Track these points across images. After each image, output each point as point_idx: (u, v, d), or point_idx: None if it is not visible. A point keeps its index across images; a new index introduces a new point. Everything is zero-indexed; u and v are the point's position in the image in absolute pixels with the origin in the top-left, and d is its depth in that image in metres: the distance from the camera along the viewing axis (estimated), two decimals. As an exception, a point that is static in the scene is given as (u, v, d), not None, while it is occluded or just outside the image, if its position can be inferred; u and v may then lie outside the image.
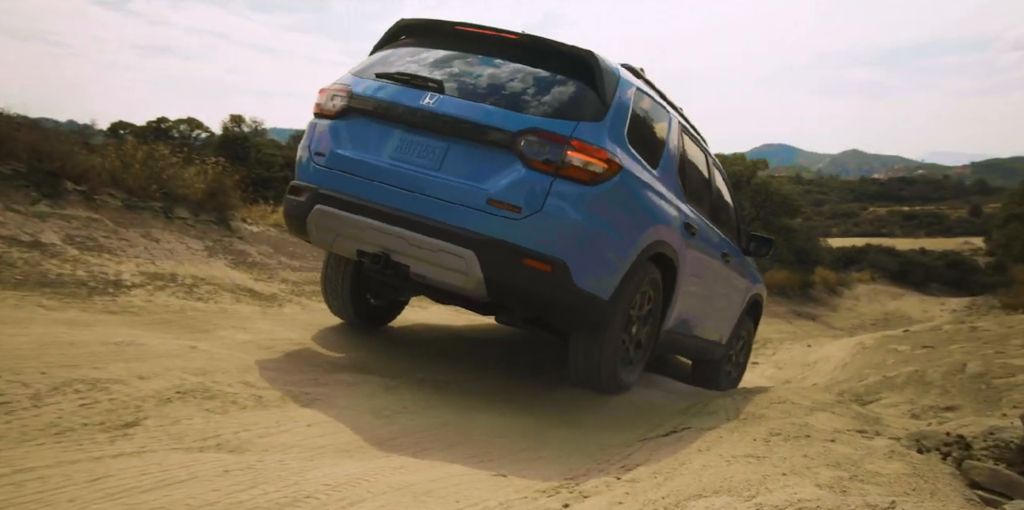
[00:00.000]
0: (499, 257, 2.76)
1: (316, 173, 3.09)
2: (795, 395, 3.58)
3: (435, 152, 2.89)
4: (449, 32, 3.27)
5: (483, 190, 2.79)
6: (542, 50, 3.10)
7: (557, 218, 2.78)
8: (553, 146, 2.78)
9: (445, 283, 2.95)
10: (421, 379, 3.37)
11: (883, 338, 7.47)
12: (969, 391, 4.16)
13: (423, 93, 2.96)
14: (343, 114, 3.11)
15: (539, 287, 2.82)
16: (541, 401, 3.38)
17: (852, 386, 5.00)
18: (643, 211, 3.17)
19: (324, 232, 3.09)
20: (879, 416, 3.66)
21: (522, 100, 2.94)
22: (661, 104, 3.63)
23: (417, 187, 2.86)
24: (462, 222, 2.78)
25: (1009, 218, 15.00)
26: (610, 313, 3.08)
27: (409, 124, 2.96)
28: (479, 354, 4.09)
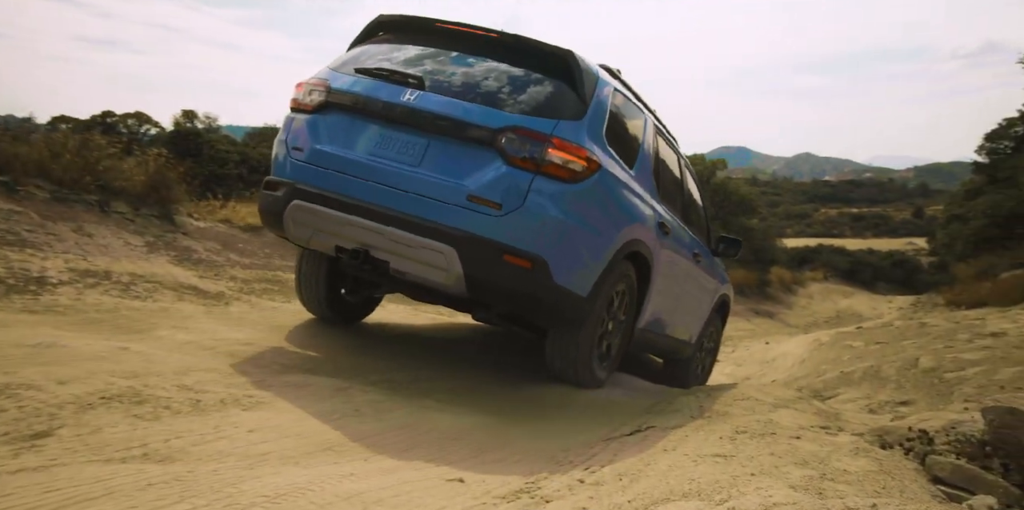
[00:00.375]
0: (479, 253, 2.76)
1: (293, 168, 3.04)
2: (758, 392, 3.55)
3: (415, 148, 2.88)
4: (429, 29, 3.26)
5: (464, 187, 2.78)
6: (522, 49, 3.10)
7: (537, 215, 2.79)
8: (534, 144, 2.79)
9: (425, 279, 2.92)
10: (376, 380, 3.21)
11: (838, 335, 7.61)
12: (922, 385, 4.22)
13: (403, 89, 2.94)
14: (321, 109, 3.07)
15: (519, 283, 2.82)
16: (503, 400, 3.27)
17: (811, 382, 5.05)
18: (620, 209, 3.18)
19: (301, 228, 3.04)
20: (839, 412, 3.67)
21: (502, 98, 2.95)
22: (636, 105, 3.65)
23: (397, 183, 2.84)
24: (442, 218, 2.78)
25: (951, 219, 15.62)
26: (588, 310, 3.09)
27: (389, 120, 2.93)
28: (438, 353, 3.94)
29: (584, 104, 3.00)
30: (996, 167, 16.66)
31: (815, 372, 5.46)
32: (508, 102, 2.93)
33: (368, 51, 3.28)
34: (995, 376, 3.93)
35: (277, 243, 5.77)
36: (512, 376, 3.74)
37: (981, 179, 16.41)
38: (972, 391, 3.88)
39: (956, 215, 15.18)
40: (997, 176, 15.84)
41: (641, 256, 3.42)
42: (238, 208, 5.91)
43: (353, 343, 3.80)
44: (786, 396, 3.57)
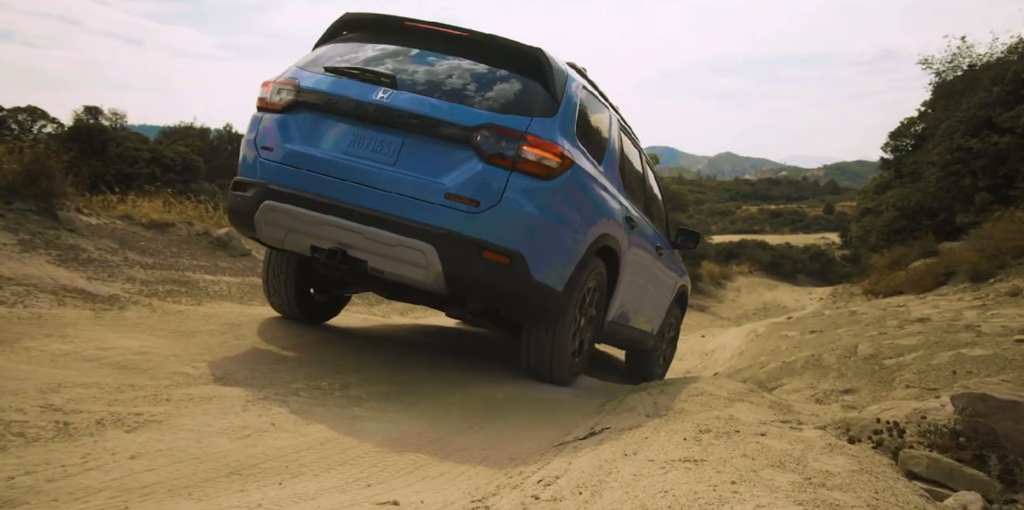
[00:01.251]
0: (458, 250, 2.76)
1: (263, 168, 2.99)
2: (711, 386, 3.40)
3: (390, 147, 2.87)
4: (397, 27, 3.24)
5: (441, 184, 2.78)
6: (491, 47, 3.09)
7: (514, 211, 2.80)
8: (509, 141, 2.81)
9: (404, 277, 2.90)
10: (299, 388, 2.84)
11: (773, 325, 7.71)
12: (863, 373, 4.22)
13: (376, 88, 2.93)
14: (291, 108, 3.03)
15: (497, 279, 2.83)
16: (444, 404, 2.96)
17: (754, 373, 5.00)
18: (592, 205, 3.21)
19: (274, 228, 2.98)
20: (789, 403, 3.57)
21: (475, 96, 2.96)
22: (602, 102, 3.70)
23: (373, 182, 2.82)
24: (420, 216, 2.77)
25: (864, 212, 16.46)
26: (563, 304, 3.11)
27: (362, 119, 2.91)
28: (370, 355, 3.59)
29: (556, 101, 3.01)
30: (900, 163, 17.73)
31: (756, 363, 5.43)
32: (481, 100, 2.93)
33: (335, 50, 3.23)
34: (932, 361, 3.96)
35: (186, 241, 5.21)
36: (455, 376, 3.44)
37: (888, 174, 17.40)
38: (912, 377, 3.88)
39: (868, 208, 16.01)
40: (902, 171, 16.85)
41: (611, 250, 3.44)
42: (141, 204, 5.30)
43: (276, 347, 3.39)
44: (739, 389, 3.44)
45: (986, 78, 13.04)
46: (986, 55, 14.74)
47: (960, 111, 12.87)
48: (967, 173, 12.21)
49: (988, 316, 5.37)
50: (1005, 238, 8.70)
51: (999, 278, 7.54)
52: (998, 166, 11.66)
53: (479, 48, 3.10)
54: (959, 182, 12.29)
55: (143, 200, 5.58)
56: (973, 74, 14.31)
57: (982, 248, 8.52)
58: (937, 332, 4.61)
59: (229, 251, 5.22)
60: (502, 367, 3.74)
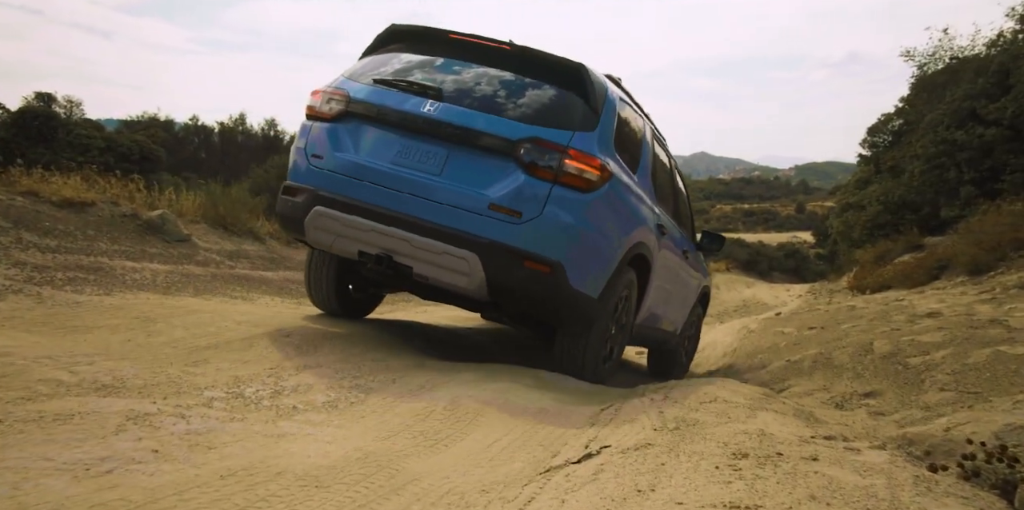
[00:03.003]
0: (501, 259, 2.84)
1: (313, 175, 3.08)
2: (722, 390, 2.85)
3: (436, 158, 2.95)
4: (441, 40, 3.30)
5: (485, 195, 2.86)
6: (534, 61, 3.17)
7: (555, 223, 2.87)
8: (551, 154, 2.88)
9: (448, 284, 2.97)
10: (212, 398, 2.21)
11: (765, 321, 7.26)
12: (885, 373, 3.72)
13: (423, 100, 3.01)
14: (340, 117, 3.12)
15: (537, 287, 2.91)
16: (399, 415, 2.35)
17: (756, 375, 4.48)
18: (628, 215, 3.28)
19: (323, 233, 3.07)
20: (809, 410, 3.04)
21: (519, 109, 3.03)
22: (637, 112, 3.77)
23: (420, 191, 2.90)
24: (465, 226, 2.85)
25: (845, 207, 16.23)
26: (599, 311, 3.16)
27: (409, 130, 2.99)
28: (322, 355, 2.96)
29: (596, 115, 3.07)
30: (878, 158, 17.59)
31: (756, 362, 4.92)
32: (524, 113, 3.00)
33: (381, 60, 3.32)
34: (967, 360, 3.47)
35: (108, 224, 4.50)
36: (420, 378, 2.82)
37: (868, 169, 17.23)
38: (946, 378, 3.39)
39: (850, 204, 15.78)
40: (881, 167, 16.68)
41: (643, 258, 3.52)
42: (56, 180, 4.54)
43: (201, 345, 2.74)
44: (754, 394, 2.89)
45: (969, 70, 12.84)
46: (968, 47, 14.58)
47: (944, 103, 12.65)
48: (952, 166, 11.97)
49: (1007, 311, 4.94)
50: (997, 231, 8.41)
51: (999, 271, 7.20)
52: (983, 159, 11.43)
53: (522, 61, 3.16)
54: (944, 175, 12.05)
55: (64, 178, 4.83)
56: (955, 67, 14.13)
57: (979, 241, 8.20)
58: (960, 328, 4.13)
59: (162, 236, 4.51)
60: (482, 365, 3.15)
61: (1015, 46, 12.49)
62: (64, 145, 18.01)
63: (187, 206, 5.30)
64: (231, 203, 5.41)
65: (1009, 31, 13.42)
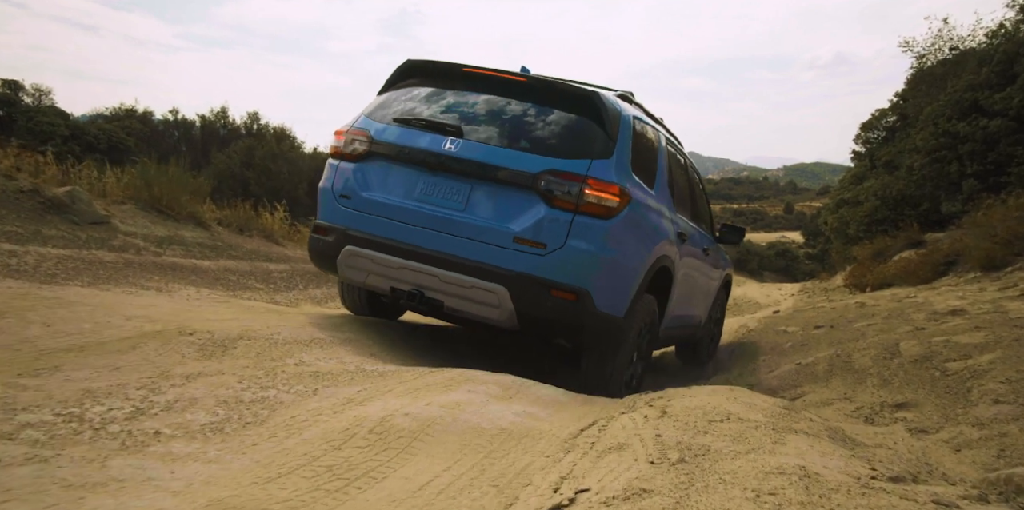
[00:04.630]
0: (529, 291, 2.89)
1: (342, 215, 3.17)
2: (732, 403, 2.24)
3: (459, 193, 3.01)
4: (455, 74, 3.35)
5: (509, 229, 2.93)
6: (549, 91, 3.21)
7: (579, 252, 2.91)
8: (571, 185, 2.91)
9: (479, 316, 3.02)
10: (26, 423, 1.56)
11: (764, 320, 6.70)
12: (919, 380, 3.14)
13: (443, 138, 3.07)
14: (364, 158, 3.20)
15: (565, 315, 2.94)
16: (306, 442, 1.72)
17: (763, 380, 3.89)
18: (649, 233, 3.31)
19: (355, 271, 3.16)
20: (843, 429, 2.44)
21: (536, 141, 3.07)
22: (651, 125, 3.75)
23: (445, 227, 2.99)
24: (492, 260, 2.92)
25: (840, 203, 15.76)
26: (626, 329, 3.20)
27: (432, 167, 3.06)
28: (217, 360, 2.32)
29: (612, 141, 3.09)
30: (872, 155, 17.18)
31: (762, 365, 4.34)
32: (542, 145, 3.05)
33: (400, 96, 3.38)
34: (1023, 365, 2.89)
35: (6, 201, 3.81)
36: (354, 387, 2.19)
37: (863, 165, 16.81)
38: (1000, 388, 2.80)
39: (844, 199, 15.31)
40: (875, 163, 16.26)
41: (666, 269, 3.56)
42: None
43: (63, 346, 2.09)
44: (772, 408, 2.28)
45: (971, 61, 12.38)
46: (969, 38, 14.13)
47: (945, 94, 12.17)
48: (954, 159, 11.50)
49: (1041, 307, 4.38)
50: (1009, 225, 7.93)
51: (1017, 266, 6.70)
52: (987, 151, 10.96)
53: (536, 91, 3.21)
54: (945, 169, 11.57)
55: None
56: (956, 58, 13.69)
57: (993, 235, 7.69)
58: (1001, 327, 3.56)
59: (70, 216, 3.84)
60: (438, 370, 2.52)
61: (1018, 35, 12.06)
62: (24, 132, 17.11)
63: (111, 185, 4.63)
64: (168, 183, 4.74)
65: (1010, 21, 13.00)
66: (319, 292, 4.98)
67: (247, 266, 4.72)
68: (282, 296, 4.43)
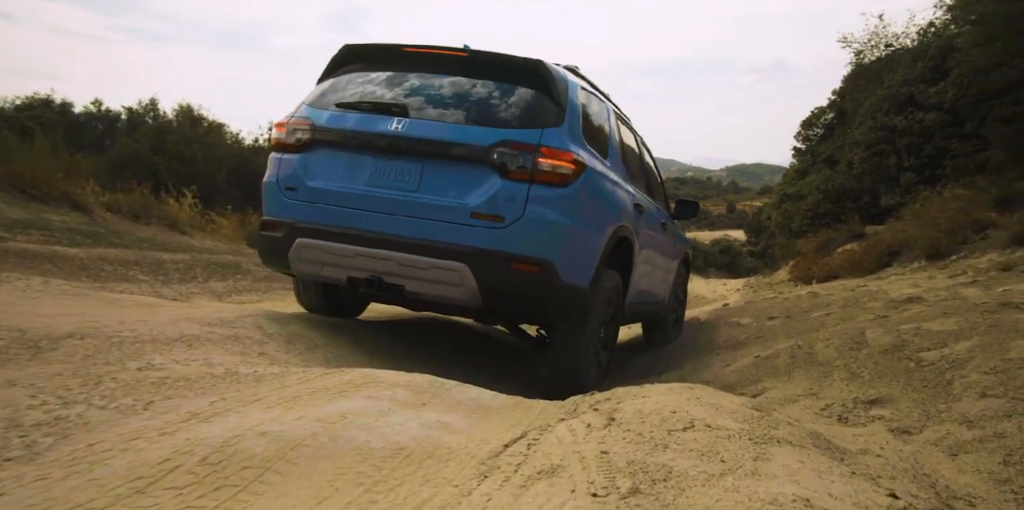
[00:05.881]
0: (491, 266, 2.82)
1: (290, 207, 3.07)
2: (697, 405, 1.80)
3: (411, 174, 2.95)
4: (396, 55, 3.30)
5: (465, 205, 2.87)
6: (492, 64, 3.17)
7: (538, 222, 2.86)
8: (524, 155, 2.87)
9: (441, 297, 2.94)
10: None
11: (714, 312, 6.41)
12: (893, 372, 2.81)
13: (389, 119, 3.00)
14: (308, 147, 3.10)
15: (530, 288, 2.89)
16: (79, 490, 1.17)
17: (720, 375, 3.52)
18: (607, 202, 3.31)
19: (309, 264, 3.05)
20: (820, 432, 2.04)
21: (485, 114, 3.04)
22: (598, 97, 3.73)
23: (399, 209, 2.91)
24: (450, 237, 2.84)
25: (783, 198, 15.93)
26: (592, 300, 3.17)
27: (380, 150, 2.99)
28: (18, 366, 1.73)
29: (561, 109, 3.06)
30: (812, 151, 17.50)
31: (717, 359, 3.99)
32: (491, 117, 3.02)
33: (341, 82, 3.29)
34: (1007, 354, 2.59)
35: None
36: (180, 403, 1.64)
37: (805, 161, 17.08)
38: (984, 379, 2.49)
39: (788, 194, 15.47)
40: (815, 159, 16.54)
41: (626, 240, 3.53)
42: None
43: None
44: (742, 411, 1.85)
45: (907, 57, 12.63)
46: (902, 34, 14.47)
47: (883, 89, 12.35)
48: (892, 152, 11.65)
49: (1001, 293, 4.18)
50: (949, 215, 7.96)
51: (961, 255, 6.65)
52: (923, 145, 11.13)
53: (480, 65, 3.17)
54: (883, 162, 11.72)
55: None
56: (891, 55, 13.98)
57: (938, 224, 7.67)
58: (973, 313, 3.29)
59: None
60: (335, 372, 1.99)
61: (947, 33, 12.38)
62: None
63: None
64: (34, 160, 4.01)
65: (940, 20, 13.36)
66: (222, 285, 4.35)
67: (132, 255, 4.05)
68: (171, 289, 3.79)
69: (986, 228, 6.95)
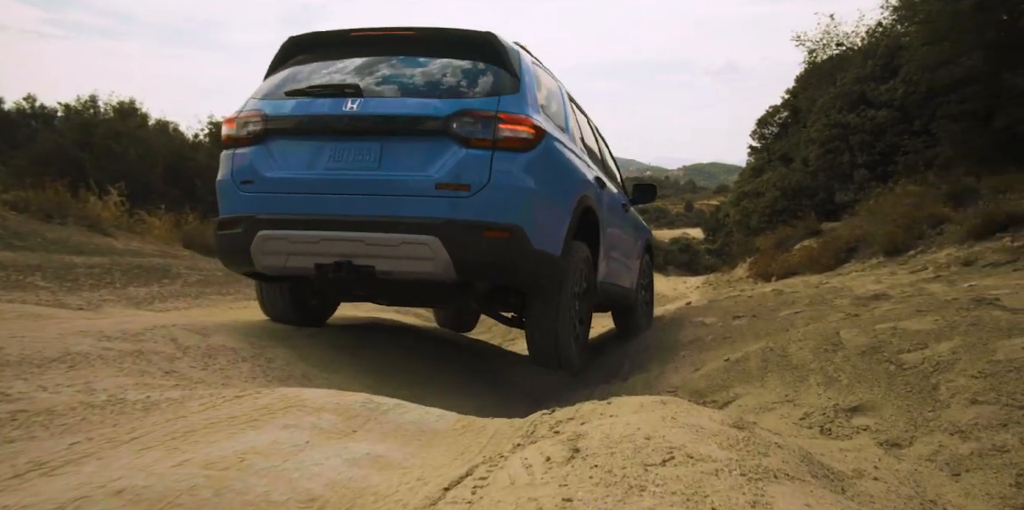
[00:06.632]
0: (461, 236, 2.80)
1: (248, 201, 3.00)
2: (672, 428, 1.54)
3: (370, 153, 2.93)
4: (345, 40, 3.28)
5: (429, 177, 2.84)
6: (443, 39, 3.20)
7: (504, 188, 2.86)
8: (484, 122, 2.88)
9: (414, 273, 2.89)
10: None
11: (679, 311, 6.25)
12: (873, 376, 2.62)
13: (343, 100, 2.97)
14: (261, 138, 3.04)
15: (502, 255, 2.87)
16: None
17: (688, 380, 3.29)
18: (570, 169, 3.36)
19: (273, 256, 2.99)
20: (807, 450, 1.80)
21: (440, 87, 3.03)
22: (550, 75, 3.77)
23: (362, 189, 2.87)
24: (417, 211, 2.82)
25: (741, 196, 16.08)
26: (564, 269, 3.20)
27: (337, 132, 2.95)
28: None
29: (516, 78, 3.09)
30: (768, 149, 17.78)
31: (683, 361, 3.77)
32: (447, 91, 3.01)
33: (289, 75, 3.25)
34: (994, 355, 2.42)
35: None
36: (30, 447, 1.29)
37: (761, 158, 17.33)
38: (974, 383, 2.31)
39: (745, 192, 15.62)
40: (771, 157, 16.78)
41: (591, 211, 3.56)
42: None
43: None
44: (726, 433, 1.59)
45: (857, 56, 12.85)
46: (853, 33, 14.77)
47: (835, 87, 12.53)
48: (845, 149, 11.83)
49: (967, 289, 4.10)
50: (903, 211, 8.02)
51: (919, 250, 6.65)
52: (875, 142, 11.33)
53: (430, 43, 3.18)
54: (837, 159, 11.90)
55: None
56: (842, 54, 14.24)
57: (895, 219, 7.72)
58: (949, 311, 3.14)
59: None
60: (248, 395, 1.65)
61: (895, 33, 12.64)
62: None
63: None
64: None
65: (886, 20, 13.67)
66: (144, 291, 3.91)
67: (35, 259, 3.58)
68: (79, 297, 3.34)
69: (941, 223, 7.00)
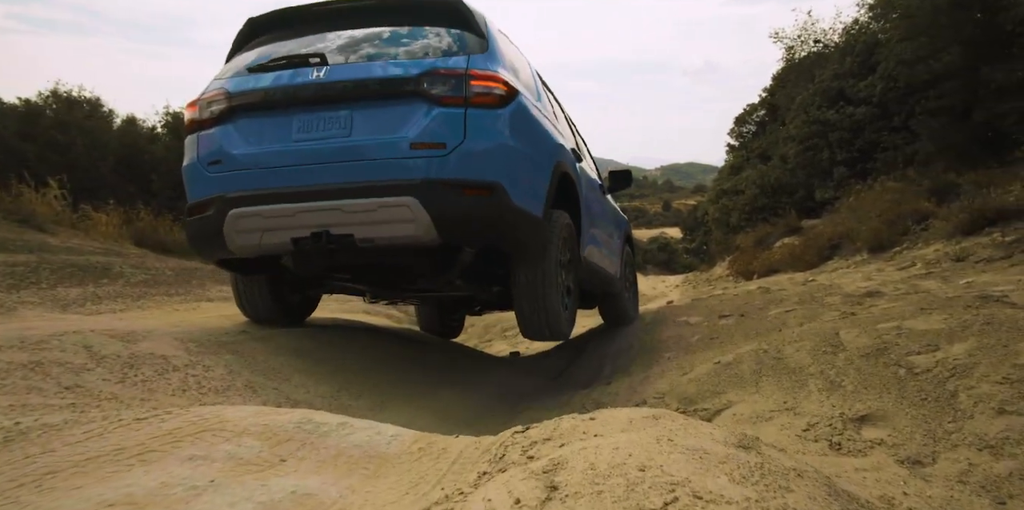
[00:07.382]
0: (440, 195, 2.75)
1: (217, 182, 2.92)
2: (668, 451, 1.24)
3: (340, 120, 2.87)
4: (307, 16, 3.24)
5: (403, 138, 2.79)
6: (408, 7, 3.20)
7: (480, 144, 2.81)
8: (456, 80, 2.84)
9: (395, 237, 2.81)
10: None
11: (662, 311, 6.00)
12: (881, 382, 2.38)
13: (308, 69, 2.93)
14: (226, 117, 2.98)
15: (483, 212, 2.82)
16: None
17: (676, 384, 3.02)
18: (545, 131, 3.30)
19: (247, 235, 2.88)
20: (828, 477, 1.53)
21: (408, 50, 3.02)
22: (519, 50, 3.71)
23: (335, 157, 2.80)
24: (393, 174, 2.77)
25: (720, 193, 15.97)
26: (547, 232, 3.14)
27: (305, 102, 2.89)
28: None
29: (484, 39, 3.09)
30: (746, 147, 17.72)
31: (671, 364, 3.51)
32: (415, 53, 3.00)
33: (251, 56, 3.18)
34: (1018, 359, 2.18)
35: None
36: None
37: (739, 156, 17.25)
38: (998, 391, 2.08)
39: (724, 190, 15.51)
40: (749, 155, 16.71)
41: (568, 178, 3.50)
42: None
43: None
44: (735, 456, 1.31)
45: (835, 53, 12.79)
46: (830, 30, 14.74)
47: (814, 84, 12.45)
48: (825, 146, 11.74)
49: (965, 285, 3.90)
50: (885, 207, 7.90)
51: (904, 246, 6.51)
52: (854, 139, 11.25)
53: (395, 9, 3.18)
54: (816, 156, 11.80)
55: None
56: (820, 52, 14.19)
57: (880, 215, 7.58)
58: (956, 309, 2.91)
59: None
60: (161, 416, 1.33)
61: (871, 31, 12.62)
62: None
63: None
64: None
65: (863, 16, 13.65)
66: (76, 292, 3.53)
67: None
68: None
69: (926, 219, 6.87)
